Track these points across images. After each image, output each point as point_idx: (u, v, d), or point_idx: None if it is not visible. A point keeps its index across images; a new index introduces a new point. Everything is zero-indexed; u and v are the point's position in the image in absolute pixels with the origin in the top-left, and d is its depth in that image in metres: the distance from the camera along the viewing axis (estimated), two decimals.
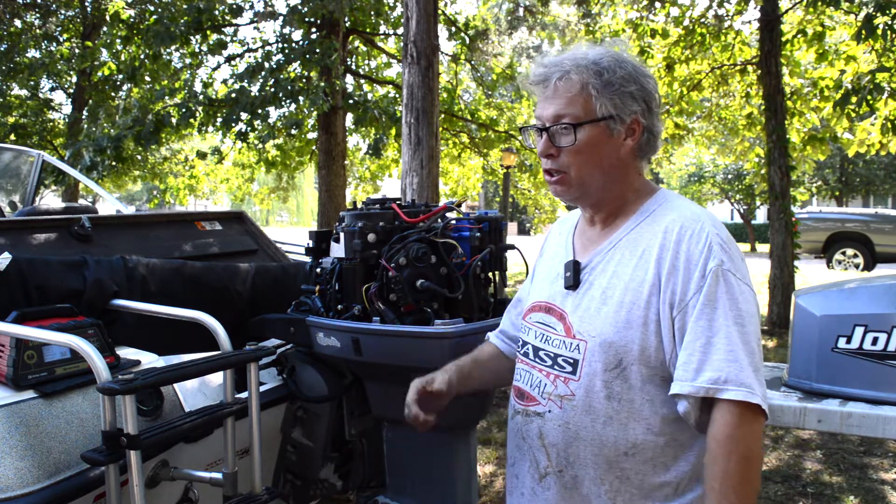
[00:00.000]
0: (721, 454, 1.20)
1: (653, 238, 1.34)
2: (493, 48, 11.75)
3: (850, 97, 6.86)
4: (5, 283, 2.08)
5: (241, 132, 9.80)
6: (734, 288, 1.26)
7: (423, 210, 2.28)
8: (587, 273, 1.41)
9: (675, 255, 1.30)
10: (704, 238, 1.29)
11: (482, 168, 14.89)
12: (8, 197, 4.57)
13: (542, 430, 1.40)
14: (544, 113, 1.37)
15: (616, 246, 1.39)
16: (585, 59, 1.35)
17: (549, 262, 1.55)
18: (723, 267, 1.26)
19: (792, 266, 7.91)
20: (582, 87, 1.34)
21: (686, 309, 1.27)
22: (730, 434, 1.20)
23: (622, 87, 1.34)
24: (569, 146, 1.35)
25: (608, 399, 1.32)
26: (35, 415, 1.69)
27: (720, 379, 1.21)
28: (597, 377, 1.32)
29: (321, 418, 2.35)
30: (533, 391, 1.43)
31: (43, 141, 13.72)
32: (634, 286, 1.32)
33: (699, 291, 1.26)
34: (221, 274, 2.60)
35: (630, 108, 1.36)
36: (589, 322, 1.35)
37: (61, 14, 13.08)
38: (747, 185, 22.81)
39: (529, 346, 1.48)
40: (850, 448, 4.42)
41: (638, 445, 1.31)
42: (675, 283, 1.28)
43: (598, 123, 1.35)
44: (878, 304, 2.52)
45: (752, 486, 1.21)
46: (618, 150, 1.38)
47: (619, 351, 1.31)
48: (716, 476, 1.20)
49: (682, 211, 1.37)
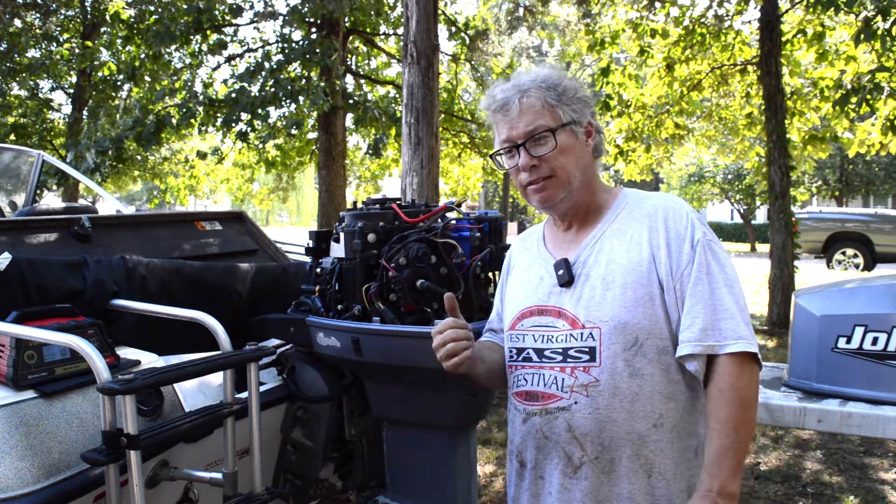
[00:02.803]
0: (725, 400, 1.36)
1: (638, 224, 1.48)
2: (493, 48, 11.75)
3: (850, 97, 6.85)
4: (5, 283, 2.08)
5: (242, 132, 9.80)
6: (719, 255, 1.44)
7: (423, 210, 2.28)
8: (579, 267, 1.50)
9: (665, 234, 1.45)
10: (685, 216, 1.47)
11: (482, 168, 14.88)
12: (8, 197, 4.57)
13: (571, 423, 1.44)
14: (514, 132, 1.49)
15: (601, 238, 1.51)
16: (536, 79, 1.51)
17: (522, 273, 1.63)
18: (706, 237, 1.44)
19: (792, 266, 7.91)
20: (543, 101, 1.49)
21: (682, 279, 1.42)
22: (732, 383, 1.36)
23: (574, 96, 1.51)
24: (550, 151, 1.47)
25: (632, 377, 1.41)
26: (35, 415, 1.69)
27: (721, 335, 1.37)
28: (618, 358, 1.41)
29: (321, 418, 2.35)
30: (549, 389, 1.47)
31: (43, 141, 13.71)
32: (633, 267, 1.44)
33: (692, 262, 1.42)
34: (221, 274, 2.60)
35: (583, 112, 1.52)
36: (597, 309, 1.44)
37: (61, 14, 13.08)
38: (747, 185, 22.80)
39: (529, 350, 1.52)
40: (850, 448, 4.41)
41: (664, 415, 1.42)
42: (669, 257, 1.43)
43: (566, 128, 1.49)
44: (878, 304, 2.52)
45: (750, 426, 1.38)
46: (584, 150, 1.53)
47: (634, 329, 1.41)
48: (719, 419, 1.36)
49: (658, 197, 1.54)
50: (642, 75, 10.50)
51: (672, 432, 1.43)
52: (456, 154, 13.55)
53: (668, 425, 1.42)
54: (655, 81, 9.84)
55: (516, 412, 1.55)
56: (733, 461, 1.34)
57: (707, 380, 1.40)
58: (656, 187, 30.11)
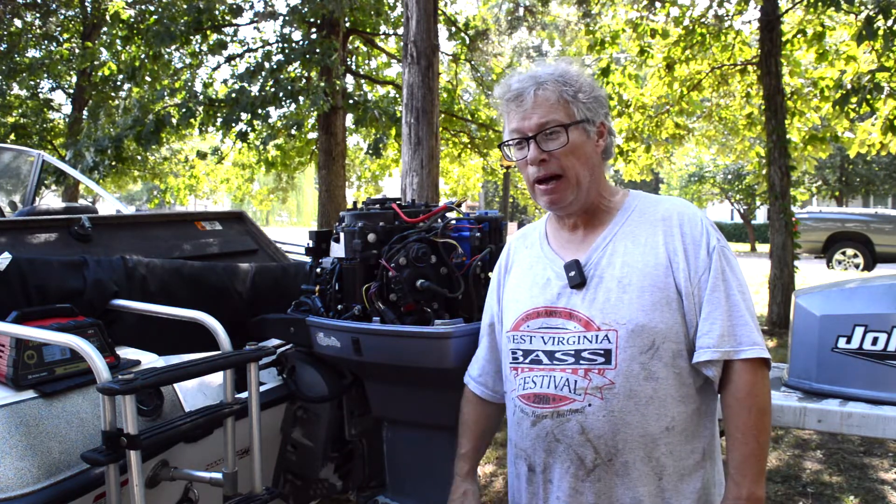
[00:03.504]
0: (744, 408, 1.38)
1: (651, 228, 1.48)
2: (493, 48, 11.75)
3: (850, 97, 6.85)
4: (5, 283, 2.07)
5: (242, 132, 9.80)
6: (732, 262, 1.46)
7: (423, 210, 2.28)
8: (590, 269, 1.48)
9: (681, 239, 1.45)
10: (699, 222, 1.47)
11: (482, 168, 14.88)
12: (8, 197, 4.57)
13: (584, 425, 1.43)
14: (525, 124, 1.47)
15: (613, 240, 1.49)
16: (554, 73, 1.49)
17: (525, 273, 1.61)
18: (720, 244, 1.45)
19: (792, 266, 7.90)
20: (558, 95, 1.46)
21: (700, 284, 1.43)
22: (749, 391, 1.38)
23: (590, 94, 1.49)
24: (561, 148, 1.45)
25: (647, 380, 1.41)
26: (35, 415, 1.68)
27: (737, 341, 1.39)
28: (634, 361, 1.41)
29: (321, 418, 2.35)
30: (561, 391, 1.45)
31: (43, 141, 13.72)
32: (650, 271, 1.43)
33: (708, 269, 1.43)
34: (221, 274, 2.60)
35: (598, 111, 1.50)
36: (613, 312, 1.43)
37: (61, 14, 13.09)
38: (747, 185, 22.80)
39: (539, 352, 1.49)
40: (850, 448, 4.41)
41: (676, 418, 1.42)
42: (687, 262, 1.43)
43: (579, 126, 1.47)
44: (878, 304, 2.52)
45: (768, 431, 1.41)
46: (595, 151, 1.52)
47: (651, 332, 1.41)
48: (738, 427, 1.39)
49: (670, 201, 1.54)
50: (642, 75, 10.50)
51: (681, 435, 1.43)
52: (456, 154, 13.56)
53: (679, 428, 1.43)
54: (655, 81, 9.84)
55: (523, 415, 1.52)
56: (755, 467, 1.37)
57: (722, 385, 1.43)
58: (656, 187, 30.09)
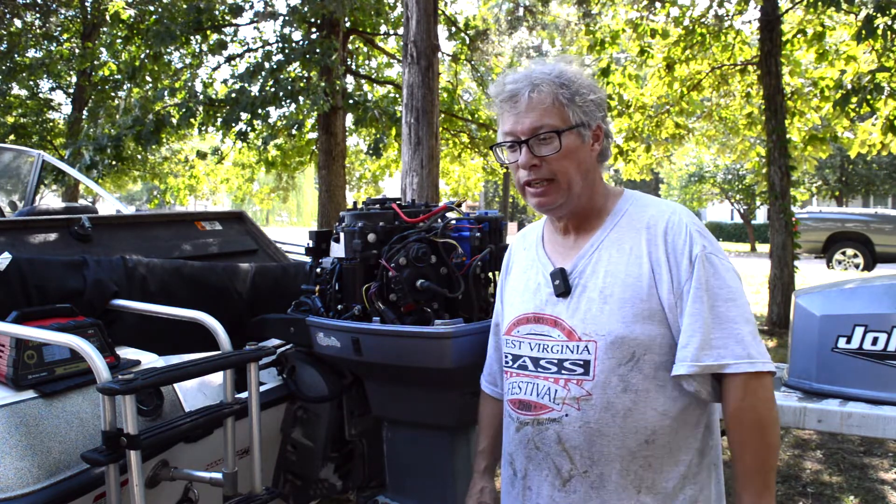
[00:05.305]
0: (735, 424, 1.33)
1: (636, 235, 1.43)
2: (493, 48, 11.75)
3: (851, 97, 6.85)
4: (5, 283, 2.07)
5: (242, 132, 9.80)
6: (719, 268, 1.38)
7: (423, 210, 2.28)
8: (575, 277, 1.46)
9: (664, 248, 1.40)
10: (684, 229, 1.41)
11: (482, 168, 14.87)
12: (8, 197, 4.57)
13: (561, 435, 1.42)
14: (518, 127, 1.44)
15: (599, 247, 1.46)
16: (551, 73, 1.44)
17: (521, 275, 1.60)
18: (706, 251, 1.38)
19: (792, 266, 7.90)
20: (553, 98, 1.42)
21: (682, 295, 1.37)
22: (738, 406, 1.33)
23: (586, 97, 1.44)
24: (553, 153, 1.41)
25: (625, 392, 1.38)
26: (35, 415, 1.68)
27: (721, 355, 1.33)
28: (612, 373, 1.38)
29: (321, 418, 2.35)
30: (542, 399, 1.44)
31: (43, 141, 13.72)
32: (632, 282, 1.39)
33: (690, 278, 1.36)
34: (221, 274, 2.60)
35: (594, 115, 1.46)
36: (594, 322, 1.40)
37: (61, 14, 13.08)
38: (747, 185, 22.82)
39: (525, 358, 1.49)
40: (850, 448, 4.41)
41: (657, 431, 1.38)
42: (670, 273, 1.38)
43: (574, 130, 1.43)
44: (878, 304, 2.52)
45: (769, 445, 1.34)
46: (589, 155, 1.47)
47: (630, 345, 1.37)
48: (734, 442, 1.34)
49: (658, 206, 1.48)
50: (642, 75, 10.50)
51: (664, 448, 1.39)
52: (456, 154, 13.54)
53: (661, 441, 1.39)
54: (655, 81, 9.84)
55: (510, 420, 1.53)
56: (756, 482, 1.32)
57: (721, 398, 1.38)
58: (656, 187, 30.09)
